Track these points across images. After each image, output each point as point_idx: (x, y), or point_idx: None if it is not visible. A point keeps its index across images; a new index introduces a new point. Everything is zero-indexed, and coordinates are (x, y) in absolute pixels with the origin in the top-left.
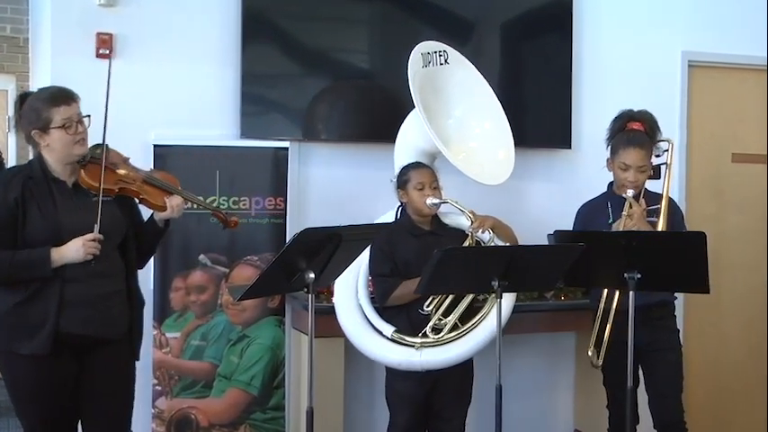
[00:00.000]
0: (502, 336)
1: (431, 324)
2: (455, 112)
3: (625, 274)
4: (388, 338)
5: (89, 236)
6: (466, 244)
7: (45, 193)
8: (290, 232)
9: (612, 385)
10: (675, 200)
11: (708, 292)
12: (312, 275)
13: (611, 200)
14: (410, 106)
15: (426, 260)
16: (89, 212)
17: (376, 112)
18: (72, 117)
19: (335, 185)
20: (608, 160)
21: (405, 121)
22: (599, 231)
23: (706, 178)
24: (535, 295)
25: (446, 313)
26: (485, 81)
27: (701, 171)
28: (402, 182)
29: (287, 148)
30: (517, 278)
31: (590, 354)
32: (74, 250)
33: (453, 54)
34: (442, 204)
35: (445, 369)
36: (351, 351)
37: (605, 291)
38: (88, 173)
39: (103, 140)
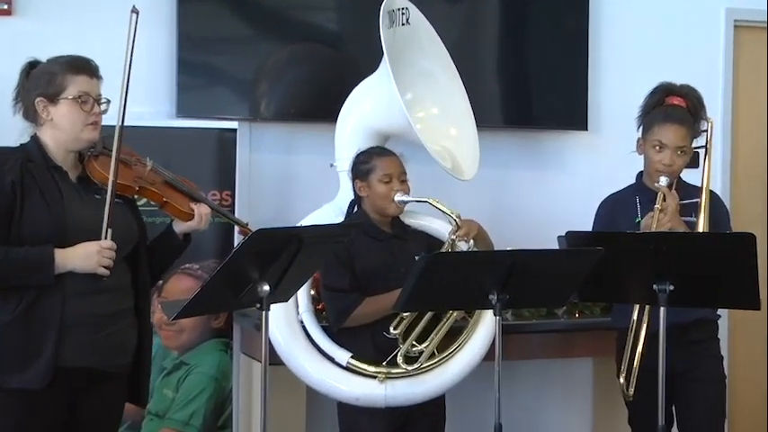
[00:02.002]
0: (501, 362)
1: (402, 351)
2: (415, 88)
3: (654, 286)
4: (341, 367)
5: (105, 243)
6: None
7: (48, 179)
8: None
9: (639, 424)
10: (718, 193)
11: (758, 308)
12: (267, 288)
13: (640, 193)
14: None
15: (392, 271)
16: (101, 212)
17: (346, 86)
18: (90, 92)
19: (295, 176)
20: (639, 141)
21: (352, 94)
22: (621, 233)
23: (755, 167)
24: (543, 312)
25: (421, 338)
26: (440, 44)
27: (749, 158)
28: (363, 171)
29: (235, 130)
30: (521, 291)
31: (621, 382)
32: (83, 257)
33: (415, 13)
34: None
35: (417, 404)
36: None
37: (636, 306)
38: (101, 164)
39: (121, 120)
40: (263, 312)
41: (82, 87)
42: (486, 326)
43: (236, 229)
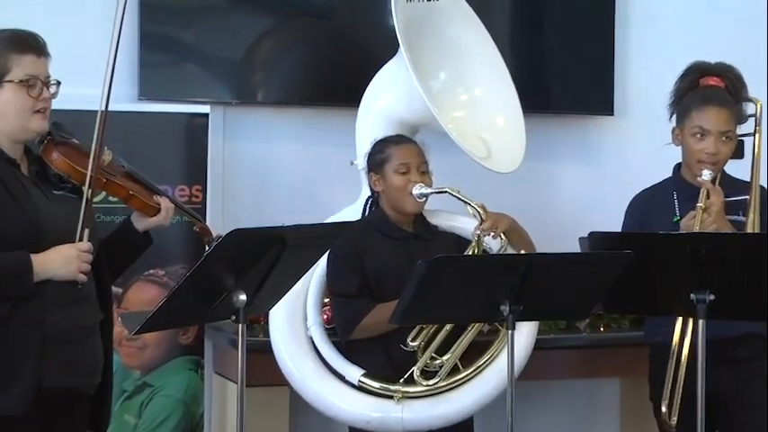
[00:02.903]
0: (515, 383)
1: (419, 365)
2: (441, 73)
3: (692, 296)
4: (353, 386)
5: (83, 245)
6: (469, 252)
7: (10, 174)
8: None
9: None
10: None
11: None
12: (243, 297)
13: (678, 189)
14: (384, 57)
15: (409, 274)
16: (69, 209)
17: (337, 65)
18: (39, 74)
19: (277, 168)
20: (674, 131)
21: (374, 80)
22: (653, 233)
23: None
24: (563, 326)
25: (442, 350)
26: (482, 28)
27: None
28: (376, 163)
29: (206, 115)
30: (537, 301)
31: (663, 411)
32: (62, 262)
33: None
34: (433, 196)
35: (440, 429)
36: (299, 406)
37: (679, 319)
38: (67, 154)
39: (106, 101)
40: (240, 326)
41: (30, 69)
42: (523, 336)
43: (195, 227)
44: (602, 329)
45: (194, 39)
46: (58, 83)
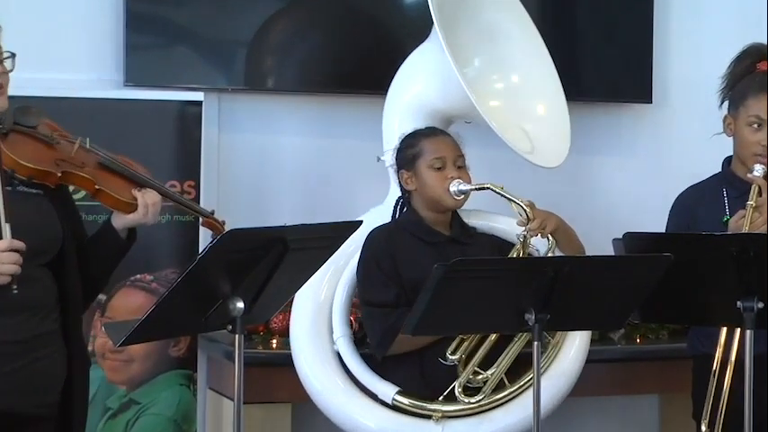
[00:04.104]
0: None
1: (461, 380)
2: (476, 59)
3: (738, 303)
4: (386, 405)
5: (3, 243)
6: (513, 255)
7: None
8: (206, 236)
9: None
10: None
11: None
12: (241, 305)
13: (728, 185)
14: (404, 39)
15: None
16: (22, 208)
17: (349, 48)
18: None
19: (280, 163)
20: (725, 120)
21: (404, 66)
22: (695, 234)
23: None
24: (595, 337)
25: (486, 364)
26: (522, 10)
27: None
28: (407, 159)
29: (200, 103)
30: (566, 309)
31: (703, 430)
32: None
33: None
34: (472, 194)
35: None
36: (301, 425)
37: (724, 330)
38: (14, 147)
39: None
40: (237, 337)
41: None
42: (574, 350)
43: (201, 220)
44: (638, 341)
45: (186, 19)
46: (13, 55)
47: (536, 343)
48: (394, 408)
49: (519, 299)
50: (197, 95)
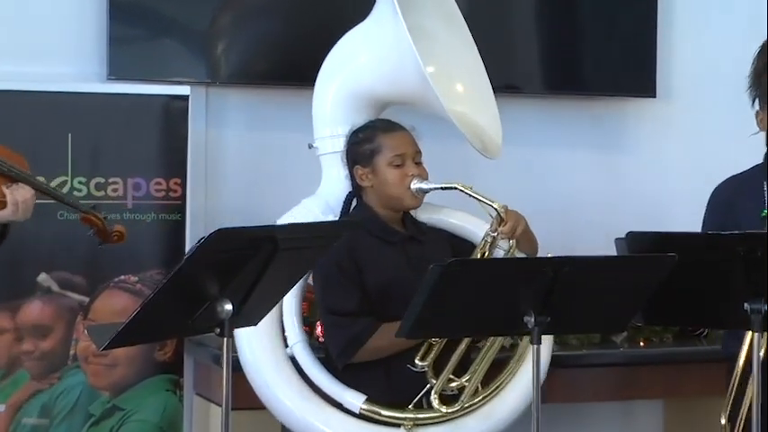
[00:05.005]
0: (540, 404)
1: (437, 388)
2: None
3: (746, 305)
4: (352, 413)
5: None
6: (477, 255)
7: None
8: (193, 236)
9: None
10: None
11: None
12: (229, 307)
13: None
14: None
15: (415, 281)
16: None
17: (336, 37)
18: None
19: (270, 160)
20: (758, 116)
21: (335, 50)
22: (701, 233)
23: None
24: (597, 340)
25: (460, 370)
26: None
27: None
28: (363, 154)
29: (186, 97)
30: (566, 311)
31: (722, 423)
32: None
33: None
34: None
35: None
36: None
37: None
38: None
39: None
40: (225, 340)
41: None
42: (544, 349)
43: (79, 216)
44: (641, 344)
45: (171, 9)
46: None
47: (535, 346)
48: (361, 417)
49: (517, 301)
50: (183, 89)
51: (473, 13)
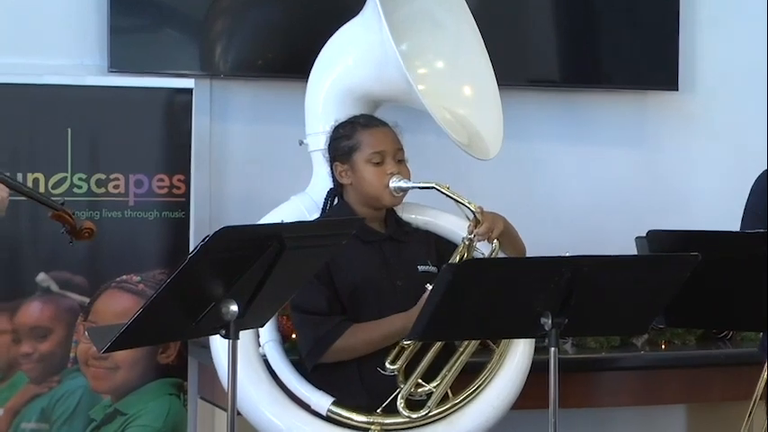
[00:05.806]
0: (558, 411)
1: (404, 393)
2: (411, 35)
3: None
4: (320, 416)
5: None
6: (456, 259)
7: None
8: (197, 234)
9: None
10: None
11: None
12: (234, 308)
13: None
14: None
15: (387, 285)
16: None
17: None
18: None
19: (276, 154)
20: None
21: (328, 46)
22: (723, 232)
23: None
24: (616, 342)
25: (430, 375)
26: None
27: None
28: (344, 150)
29: (190, 90)
30: (585, 312)
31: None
32: None
33: None
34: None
35: None
36: None
37: None
38: None
39: None
40: (230, 342)
41: None
42: (518, 357)
43: (50, 213)
44: (663, 347)
45: (174, 0)
46: None
47: (553, 349)
48: (328, 419)
49: (534, 302)
50: (187, 82)
51: (492, 4)
